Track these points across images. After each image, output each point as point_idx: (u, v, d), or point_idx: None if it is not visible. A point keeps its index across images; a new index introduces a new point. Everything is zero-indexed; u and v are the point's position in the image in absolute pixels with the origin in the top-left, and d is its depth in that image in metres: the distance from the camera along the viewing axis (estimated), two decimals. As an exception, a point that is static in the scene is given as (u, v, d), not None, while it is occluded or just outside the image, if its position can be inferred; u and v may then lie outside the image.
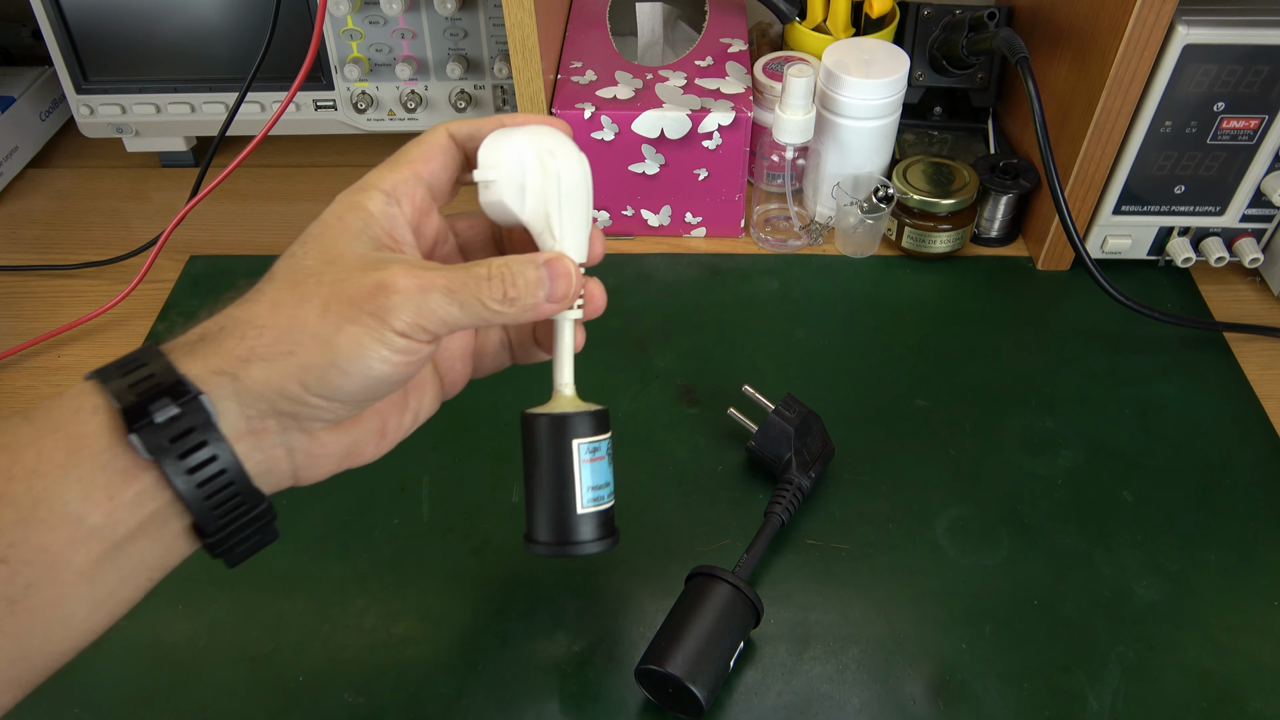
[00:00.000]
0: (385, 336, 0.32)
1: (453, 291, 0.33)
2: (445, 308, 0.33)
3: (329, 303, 0.32)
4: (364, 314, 0.31)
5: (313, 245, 0.34)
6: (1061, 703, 0.44)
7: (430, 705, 0.44)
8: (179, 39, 0.69)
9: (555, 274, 0.35)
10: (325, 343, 0.31)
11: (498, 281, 0.34)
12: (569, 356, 0.39)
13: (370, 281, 0.32)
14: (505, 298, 0.34)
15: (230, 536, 0.32)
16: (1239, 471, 0.53)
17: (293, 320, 0.32)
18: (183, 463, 0.30)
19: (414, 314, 0.32)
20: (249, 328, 0.32)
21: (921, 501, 0.52)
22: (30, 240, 0.71)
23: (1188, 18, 0.54)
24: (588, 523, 0.38)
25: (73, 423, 0.30)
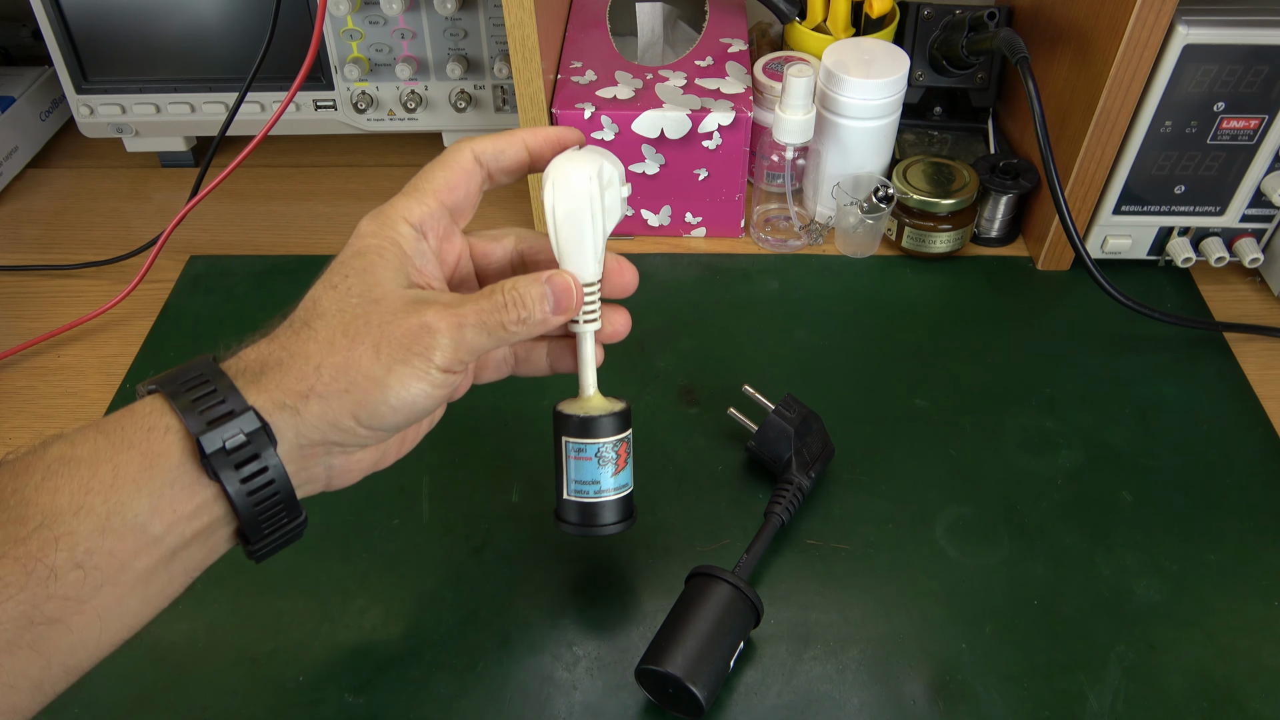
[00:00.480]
0: (431, 374, 0.36)
1: (483, 323, 0.37)
2: (477, 338, 0.37)
3: (379, 345, 0.35)
4: (412, 355, 0.35)
5: (355, 280, 0.37)
6: (1061, 703, 0.44)
7: (430, 705, 0.44)
8: (179, 39, 0.69)
9: (556, 289, 0.39)
10: (378, 382, 0.35)
11: (513, 306, 0.38)
12: (590, 364, 0.43)
13: (414, 324, 0.36)
14: (519, 319, 0.38)
15: (269, 542, 0.36)
16: (1239, 471, 0.53)
17: (348, 361, 0.35)
18: (244, 484, 0.34)
19: (454, 350, 0.36)
20: (306, 364, 0.35)
21: (921, 501, 0.52)
22: (30, 240, 0.71)
23: (1188, 18, 0.54)
24: (571, 509, 0.43)
25: (146, 441, 0.33)
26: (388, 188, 0.75)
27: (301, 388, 0.35)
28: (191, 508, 0.33)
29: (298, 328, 0.36)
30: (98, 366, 0.61)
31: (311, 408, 0.35)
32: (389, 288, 0.37)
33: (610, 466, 0.43)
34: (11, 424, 0.57)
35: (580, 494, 0.43)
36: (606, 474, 0.43)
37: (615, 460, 0.43)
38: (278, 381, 0.35)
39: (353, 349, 0.35)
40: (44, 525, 0.30)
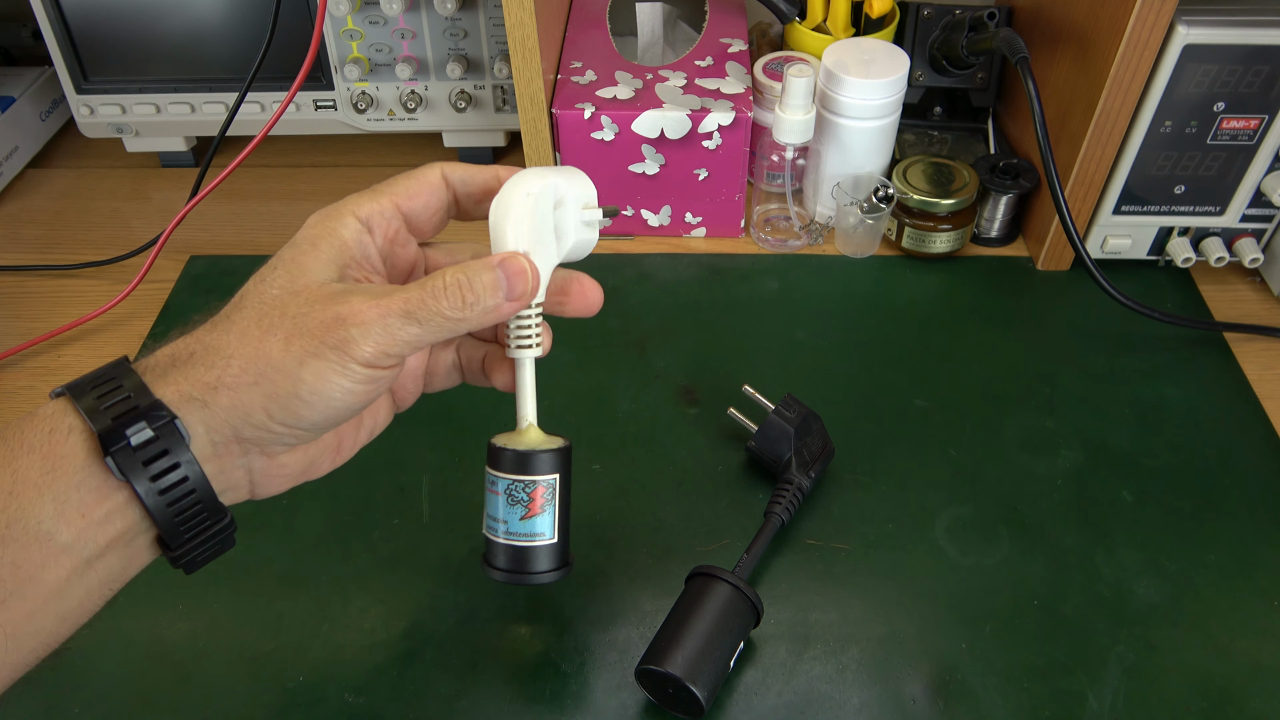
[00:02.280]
0: (349, 369, 0.33)
1: (410, 312, 0.33)
2: (405, 329, 0.33)
3: (291, 336, 0.33)
4: (326, 347, 0.32)
5: (281, 272, 0.35)
6: (1061, 703, 0.44)
7: (430, 705, 0.44)
8: (179, 39, 0.69)
9: (511, 272, 0.35)
10: (289, 375, 0.32)
11: (454, 289, 0.34)
12: (528, 393, 0.40)
13: (330, 315, 0.33)
14: (464, 303, 0.34)
15: (193, 549, 0.34)
16: (1239, 471, 0.53)
17: (258, 352, 0.33)
18: (154, 483, 0.31)
19: (375, 343, 0.33)
20: (218, 356, 0.33)
21: (921, 501, 0.52)
22: (30, 240, 0.71)
23: (1188, 18, 0.54)
24: (487, 543, 0.40)
25: (48, 443, 0.31)
26: (388, 188, 0.75)
27: (209, 378, 0.32)
28: (102, 513, 0.31)
29: (216, 321, 0.34)
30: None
31: (220, 400, 0.32)
32: (314, 278, 0.34)
33: (519, 509, 0.39)
34: (11, 424, 0.57)
35: (489, 529, 0.40)
36: (514, 515, 0.39)
37: (526, 503, 0.39)
38: (186, 374, 0.33)
39: (264, 340, 0.33)
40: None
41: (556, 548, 0.40)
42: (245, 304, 0.34)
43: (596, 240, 0.40)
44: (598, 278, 0.65)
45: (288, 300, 0.34)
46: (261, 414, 0.33)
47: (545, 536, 0.40)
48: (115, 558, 0.32)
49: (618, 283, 0.65)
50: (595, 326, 0.62)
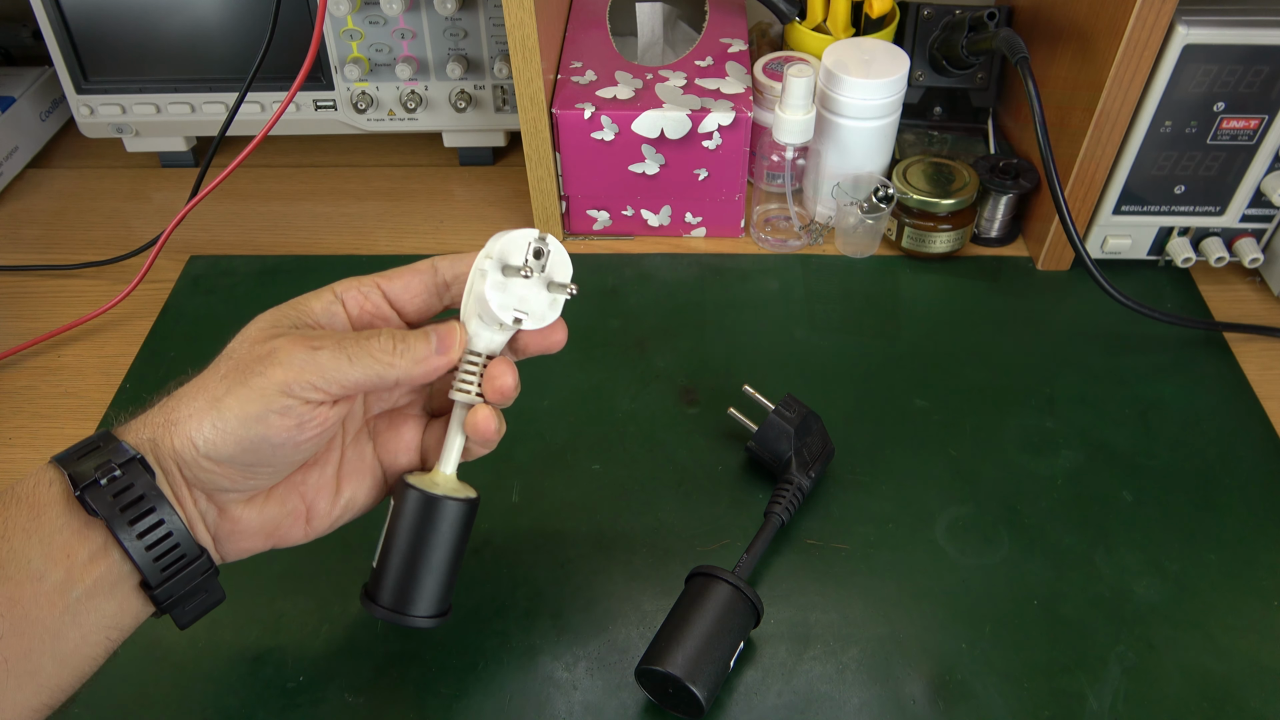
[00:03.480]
0: (268, 396, 0.34)
1: (343, 348, 0.35)
2: (334, 362, 0.35)
3: (229, 372, 0.35)
4: (251, 375, 0.35)
5: (247, 330, 0.37)
6: (1061, 703, 0.44)
7: (430, 705, 0.44)
8: (179, 39, 0.69)
9: (442, 332, 0.38)
10: (213, 403, 0.35)
11: (386, 337, 0.37)
12: (454, 442, 0.41)
13: (264, 349, 0.35)
14: (395, 349, 0.36)
15: (175, 589, 0.35)
16: (1239, 471, 0.53)
17: (197, 389, 0.35)
18: (126, 518, 0.34)
19: (298, 370, 0.34)
20: (177, 401, 0.36)
21: (921, 501, 0.52)
22: (30, 240, 0.71)
23: (1188, 18, 0.54)
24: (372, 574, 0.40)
25: (33, 494, 0.34)
26: (387, 188, 0.76)
27: (160, 419, 0.35)
28: (86, 554, 0.33)
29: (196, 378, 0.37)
30: (98, 366, 0.61)
31: (167, 438, 0.35)
32: (264, 326, 0.37)
33: None
34: (11, 424, 0.57)
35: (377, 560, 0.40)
36: None
37: None
38: (145, 419, 0.36)
39: (206, 379, 0.36)
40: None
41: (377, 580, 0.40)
42: (221, 359, 0.37)
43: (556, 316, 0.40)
44: (598, 277, 0.66)
45: (236, 346, 0.36)
46: (189, 446, 0.35)
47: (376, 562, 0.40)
48: (105, 600, 0.34)
49: (618, 283, 0.65)
50: (595, 326, 0.62)
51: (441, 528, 0.40)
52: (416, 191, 0.75)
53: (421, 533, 0.39)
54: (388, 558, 0.40)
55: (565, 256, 0.40)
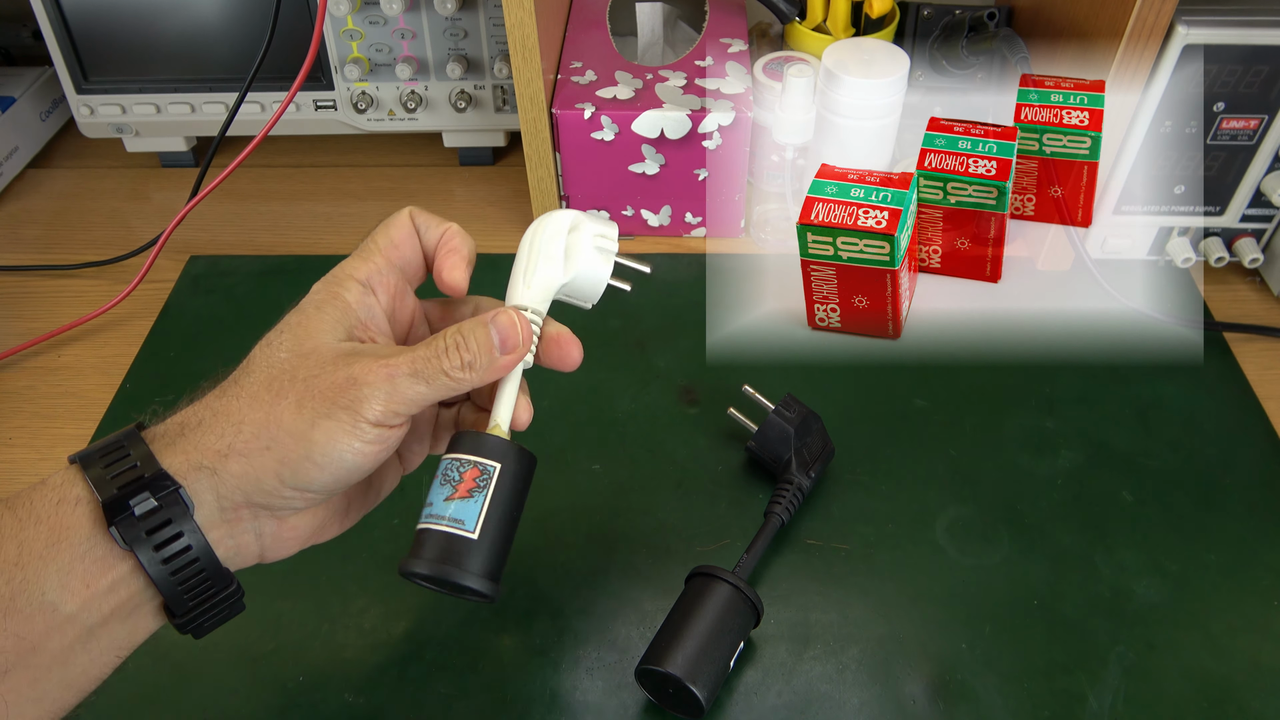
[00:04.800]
0: (360, 428, 0.33)
1: (417, 372, 0.34)
2: (413, 388, 0.34)
3: (303, 399, 0.33)
4: (337, 408, 0.33)
5: (288, 336, 0.35)
6: (1061, 703, 0.44)
7: (430, 705, 0.44)
8: (179, 39, 0.69)
9: (501, 327, 0.36)
10: (301, 438, 0.33)
11: (454, 350, 0.35)
12: (506, 398, 0.39)
13: (341, 377, 0.33)
14: (464, 364, 0.35)
15: (199, 612, 0.34)
16: (1239, 471, 0.53)
17: (269, 416, 0.33)
18: (158, 553, 0.32)
19: (385, 401, 0.34)
20: (227, 422, 0.33)
21: (921, 501, 0.52)
22: (30, 240, 0.71)
23: (1188, 18, 0.54)
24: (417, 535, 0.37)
25: (55, 514, 0.31)
26: (387, 188, 0.76)
27: (220, 446, 0.33)
28: (107, 583, 0.31)
29: (225, 386, 0.35)
30: (98, 366, 0.61)
31: (231, 467, 0.33)
32: (321, 340, 0.35)
33: (448, 488, 0.36)
34: (11, 424, 0.57)
35: (420, 520, 0.37)
36: (439, 496, 0.36)
37: (455, 483, 0.37)
38: (195, 442, 0.33)
39: (275, 404, 0.33)
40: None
41: (477, 548, 0.36)
42: (253, 369, 0.35)
43: (609, 272, 0.40)
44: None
45: (297, 364, 0.34)
46: (273, 479, 0.33)
47: (465, 527, 0.36)
48: (120, 626, 0.33)
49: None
50: (595, 327, 0.62)
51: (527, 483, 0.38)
52: (416, 191, 0.75)
53: (520, 490, 0.38)
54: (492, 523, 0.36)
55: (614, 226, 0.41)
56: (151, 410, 0.36)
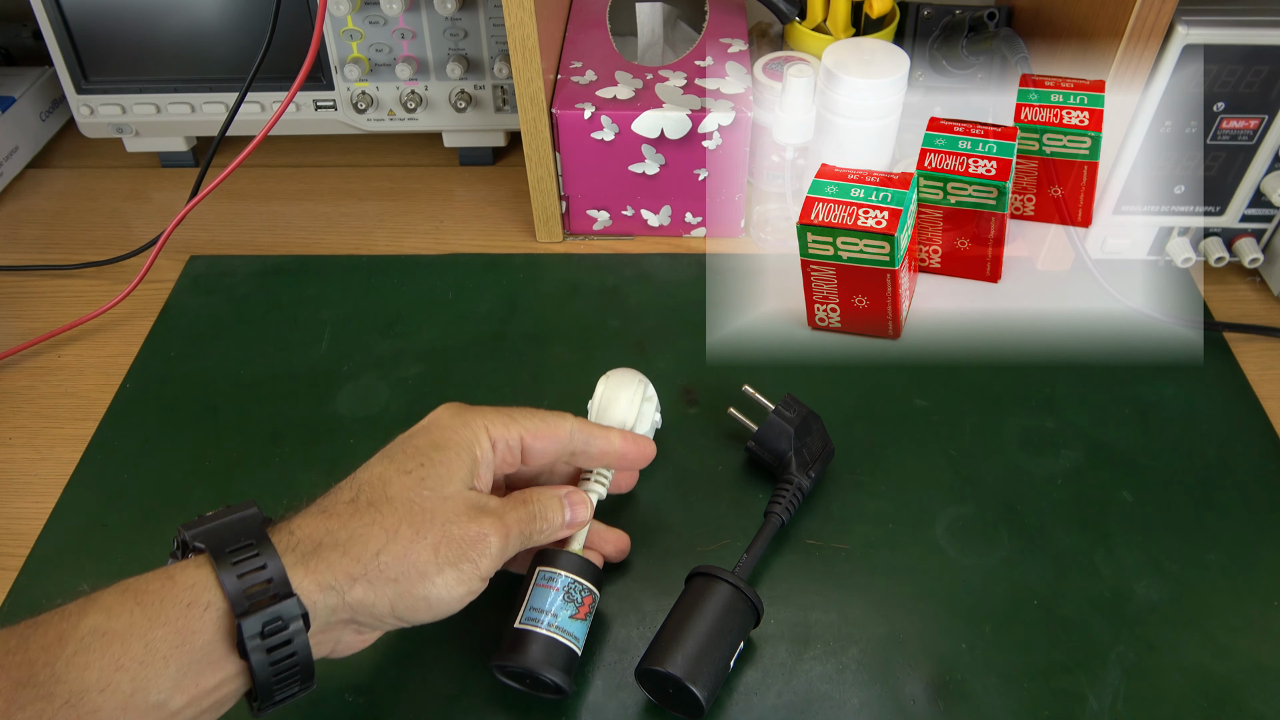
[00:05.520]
0: (475, 580, 0.38)
1: (521, 533, 0.40)
2: (514, 546, 0.40)
3: (440, 545, 0.37)
4: (464, 560, 0.38)
5: (430, 474, 0.39)
6: (1061, 703, 0.44)
7: (430, 705, 0.44)
8: (179, 39, 0.69)
9: (573, 503, 0.44)
10: (427, 579, 0.37)
11: (540, 520, 0.42)
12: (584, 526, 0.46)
13: (475, 531, 0.38)
14: (542, 531, 0.42)
15: (278, 704, 0.36)
16: (1239, 471, 0.53)
17: (407, 552, 0.37)
18: (269, 655, 0.34)
19: (497, 559, 0.39)
20: (365, 549, 0.36)
21: (921, 501, 0.52)
22: (30, 240, 0.71)
23: (1188, 18, 0.54)
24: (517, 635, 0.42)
25: (184, 617, 0.33)
26: (387, 188, 0.76)
27: (355, 571, 0.36)
28: (214, 682, 0.33)
29: (362, 507, 0.37)
30: (98, 366, 0.61)
31: (356, 591, 0.35)
32: (457, 488, 0.39)
33: (572, 607, 0.43)
34: (12, 424, 0.57)
35: (529, 620, 0.42)
36: (565, 613, 0.43)
37: (579, 604, 0.43)
38: (331, 563, 0.35)
39: (415, 541, 0.37)
40: (69, 703, 0.30)
41: (577, 663, 0.43)
42: (394, 497, 0.38)
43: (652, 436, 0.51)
44: (599, 276, 0.66)
45: (439, 507, 0.38)
46: (387, 608, 0.36)
47: (579, 644, 0.43)
48: (210, 714, 0.34)
49: (618, 283, 0.65)
50: (595, 326, 0.62)
51: None
52: (416, 191, 0.75)
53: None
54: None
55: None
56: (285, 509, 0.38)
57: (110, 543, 0.51)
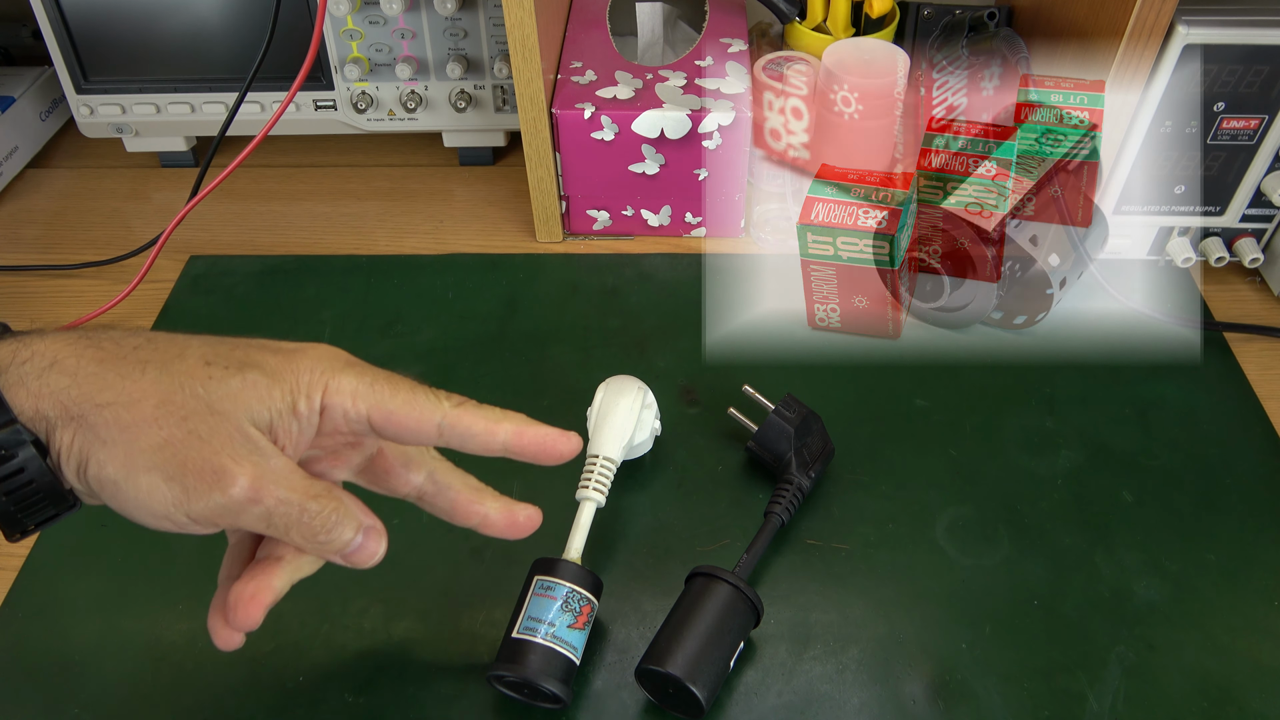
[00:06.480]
0: (177, 514, 0.32)
1: (270, 513, 0.33)
2: (253, 518, 0.33)
3: (168, 445, 0.31)
4: (179, 481, 0.31)
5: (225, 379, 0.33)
6: (1061, 703, 0.44)
7: (430, 705, 0.44)
8: (179, 39, 0.69)
9: (364, 544, 0.36)
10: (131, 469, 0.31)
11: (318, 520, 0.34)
12: (580, 531, 0.46)
13: (215, 462, 0.32)
14: (311, 537, 0.34)
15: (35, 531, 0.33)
16: (1239, 471, 0.53)
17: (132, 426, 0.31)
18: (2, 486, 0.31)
19: (218, 513, 0.32)
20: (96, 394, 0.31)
21: (921, 501, 0.52)
22: (30, 240, 0.71)
23: (1188, 18, 0.54)
24: (515, 644, 0.42)
25: None
26: (387, 188, 0.76)
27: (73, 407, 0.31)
28: None
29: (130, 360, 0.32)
30: None
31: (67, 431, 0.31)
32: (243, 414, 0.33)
33: (570, 617, 0.42)
34: (11, 424, 0.57)
35: (526, 630, 0.42)
36: (564, 622, 0.42)
37: (577, 614, 0.43)
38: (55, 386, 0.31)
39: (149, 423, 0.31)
40: None
41: (575, 673, 0.43)
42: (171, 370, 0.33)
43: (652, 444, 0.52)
44: (599, 276, 0.66)
45: (203, 412, 0.32)
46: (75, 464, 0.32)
47: (577, 653, 0.43)
48: None
49: (617, 283, 0.65)
50: (595, 326, 0.62)
51: None
52: (416, 191, 0.75)
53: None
54: None
55: None
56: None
57: (110, 543, 0.51)
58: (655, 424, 0.52)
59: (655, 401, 0.52)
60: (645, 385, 0.51)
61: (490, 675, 0.42)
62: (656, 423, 0.52)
